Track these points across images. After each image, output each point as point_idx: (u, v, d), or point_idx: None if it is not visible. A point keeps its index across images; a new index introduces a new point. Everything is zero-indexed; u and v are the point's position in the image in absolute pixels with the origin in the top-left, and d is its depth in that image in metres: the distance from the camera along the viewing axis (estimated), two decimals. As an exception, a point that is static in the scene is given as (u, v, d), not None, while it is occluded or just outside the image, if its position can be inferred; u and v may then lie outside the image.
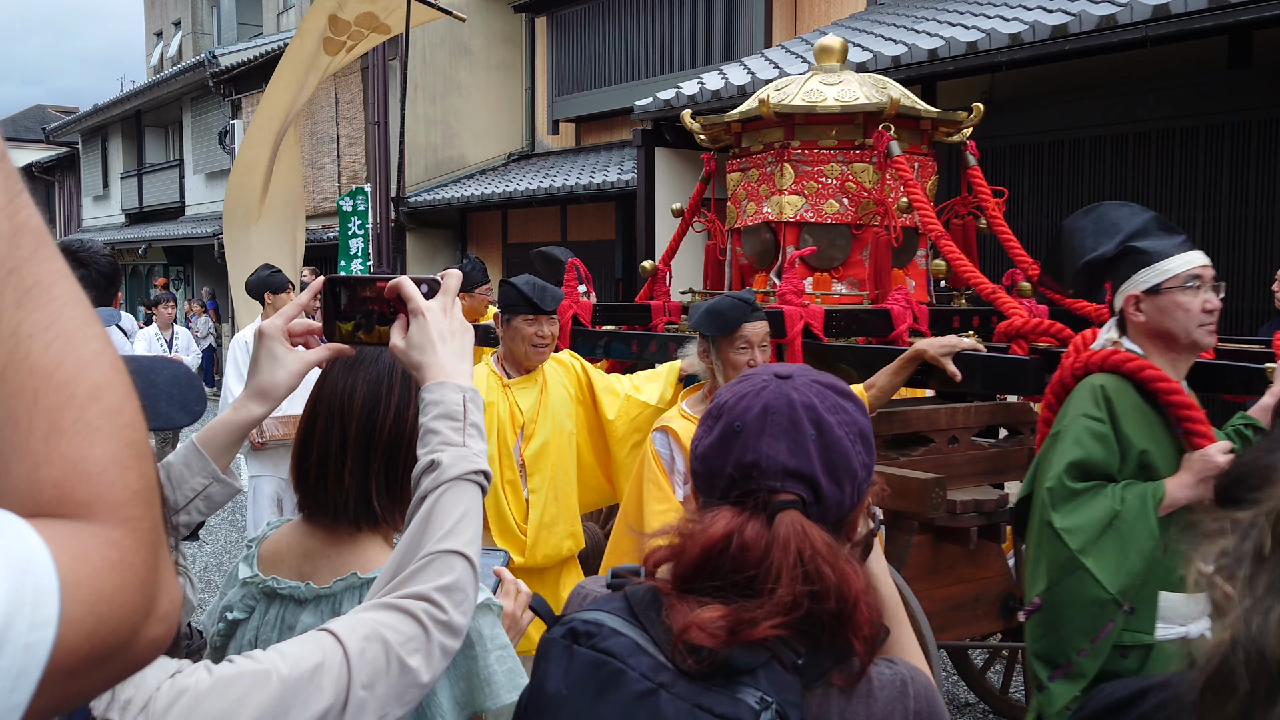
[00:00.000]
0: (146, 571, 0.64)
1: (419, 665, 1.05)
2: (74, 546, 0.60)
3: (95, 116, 24.45)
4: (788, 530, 1.09)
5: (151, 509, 0.66)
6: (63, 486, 0.63)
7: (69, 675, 0.59)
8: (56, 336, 0.64)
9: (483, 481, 1.19)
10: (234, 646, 1.52)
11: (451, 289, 1.29)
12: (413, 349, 1.25)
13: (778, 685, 1.05)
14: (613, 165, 11.50)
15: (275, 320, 1.40)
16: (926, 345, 3.21)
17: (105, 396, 0.65)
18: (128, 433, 0.66)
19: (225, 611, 1.53)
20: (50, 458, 0.63)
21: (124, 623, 0.62)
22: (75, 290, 0.67)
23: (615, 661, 1.09)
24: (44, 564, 0.58)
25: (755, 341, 3.12)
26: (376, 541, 1.51)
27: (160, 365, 1.60)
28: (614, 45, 12.51)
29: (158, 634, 0.66)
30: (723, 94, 8.56)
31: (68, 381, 0.64)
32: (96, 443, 0.64)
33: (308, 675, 0.95)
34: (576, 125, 13.70)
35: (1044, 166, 7.09)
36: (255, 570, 1.53)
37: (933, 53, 6.92)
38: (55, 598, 0.57)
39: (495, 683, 1.41)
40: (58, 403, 0.63)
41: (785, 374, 1.20)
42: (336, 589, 1.45)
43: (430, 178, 14.32)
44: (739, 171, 4.55)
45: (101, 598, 0.60)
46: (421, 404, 1.22)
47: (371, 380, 1.47)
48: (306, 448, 1.49)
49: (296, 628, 1.45)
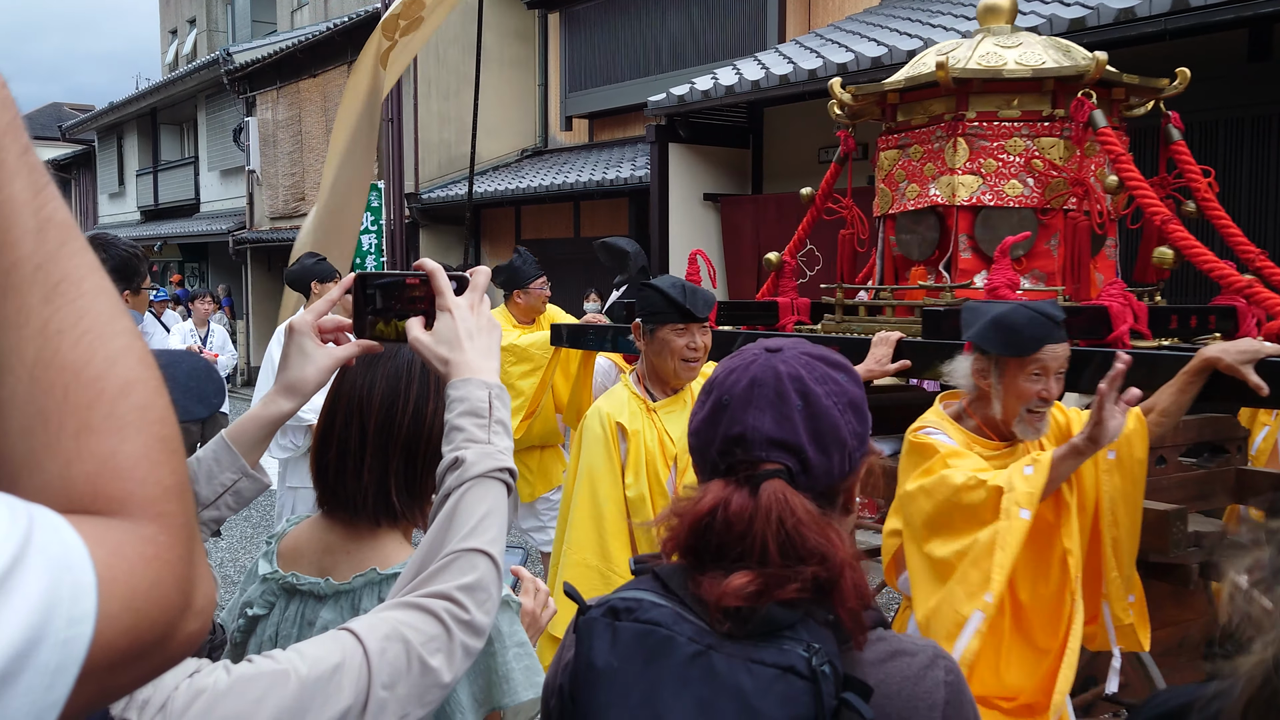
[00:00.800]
0: (182, 567, 0.64)
1: (440, 665, 1.04)
2: (110, 542, 0.60)
3: (111, 114, 24.57)
4: (769, 498, 1.11)
5: (185, 504, 0.66)
6: (95, 483, 0.62)
7: (107, 671, 0.59)
8: (85, 332, 0.63)
9: (508, 479, 1.18)
10: (254, 643, 1.51)
11: (480, 286, 1.29)
12: (440, 345, 1.25)
13: (818, 638, 1.07)
14: (626, 161, 11.49)
15: (305, 316, 1.40)
16: (1219, 352, 2.54)
17: (135, 392, 0.65)
18: (158, 428, 0.66)
19: (245, 608, 1.53)
20: (82, 454, 0.62)
21: (161, 618, 0.62)
22: (104, 283, 0.66)
23: (661, 629, 1.10)
24: (81, 559, 0.57)
25: (1053, 369, 2.52)
26: (396, 537, 1.51)
27: (179, 358, 1.61)
28: (627, 41, 12.49)
29: (194, 629, 0.65)
30: (736, 89, 8.54)
31: (97, 378, 0.63)
32: (128, 439, 0.64)
33: (327, 675, 0.95)
34: (590, 121, 13.69)
35: (1061, 161, 7.05)
36: (275, 566, 1.53)
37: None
38: (93, 593, 0.57)
39: (513, 680, 1.40)
40: (88, 399, 0.63)
41: (775, 348, 1.22)
42: (356, 585, 1.44)
43: (443, 174, 14.33)
44: (896, 149, 3.90)
45: (138, 593, 0.60)
46: (447, 400, 1.21)
47: (390, 376, 1.47)
48: (325, 443, 1.49)
49: (316, 624, 1.45)
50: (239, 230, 19.37)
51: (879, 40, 7.78)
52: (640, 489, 3.02)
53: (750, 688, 1.05)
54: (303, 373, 1.37)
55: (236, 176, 20.36)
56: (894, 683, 1.11)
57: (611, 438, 3.05)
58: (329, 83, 16.60)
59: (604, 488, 3.03)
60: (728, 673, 1.06)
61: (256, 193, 19.20)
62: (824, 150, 9.20)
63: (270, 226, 18.59)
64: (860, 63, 7.50)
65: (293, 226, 17.75)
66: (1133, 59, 6.60)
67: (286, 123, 17.91)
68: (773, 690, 1.04)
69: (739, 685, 1.05)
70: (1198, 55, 6.48)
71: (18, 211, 0.62)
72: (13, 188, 0.62)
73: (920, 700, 1.10)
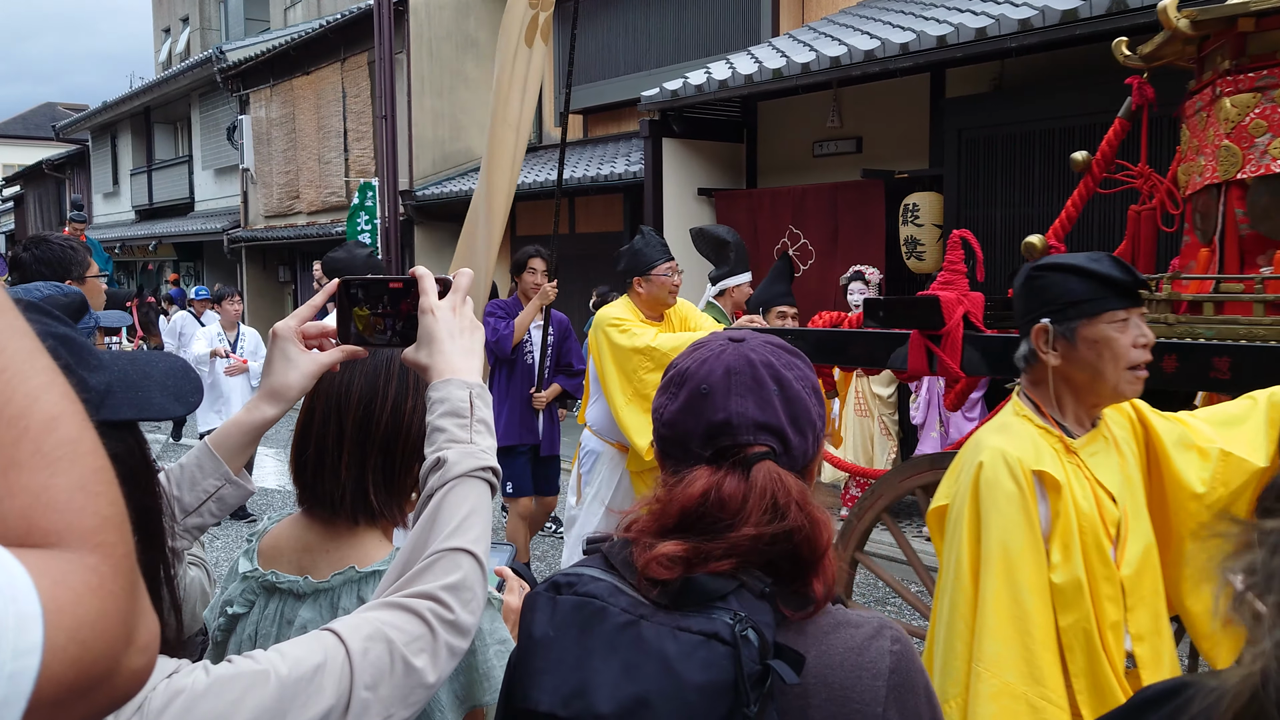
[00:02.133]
0: (125, 599, 0.63)
1: (424, 665, 1.03)
2: (53, 572, 0.59)
3: (105, 114, 24.54)
4: (765, 478, 1.14)
5: (124, 536, 0.65)
6: (29, 517, 0.61)
7: (54, 706, 0.57)
8: (2, 370, 0.63)
9: (491, 479, 1.18)
10: (234, 641, 1.51)
11: (462, 287, 1.29)
12: (421, 347, 1.25)
13: (750, 608, 1.10)
14: (620, 156, 11.48)
15: (289, 321, 1.39)
16: None
17: (62, 426, 0.64)
18: (90, 459, 0.65)
19: (225, 606, 1.53)
20: (12, 490, 0.61)
21: (106, 651, 0.61)
22: (18, 323, 0.65)
23: (596, 601, 1.14)
24: (25, 590, 0.56)
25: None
26: (375, 535, 1.50)
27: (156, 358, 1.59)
28: (621, 36, 12.48)
29: (139, 665, 0.64)
30: (730, 84, 8.53)
31: (20, 415, 0.62)
32: (59, 472, 0.63)
33: (308, 675, 0.94)
34: (584, 117, 13.67)
35: (1055, 153, 7.04)
36: (255, 564, 1.53)
37: (941, 39, 6.87)
38: (39, 624, 0.55)
39: (494, 677, 1.40)
40: (12, 437, 0.62)
41: (738, 338, 1.25)
42: (335, 583, 1.44)
43: (437, 171, 14.32)
44: (1251, 92, 2.97)
45: (84, 624, 0.59)
46: (429, 402, 1.21)
47: (368, 374, 1.47)
48: (304, 441, 1.49)
49: (295, 622, 1.45)
50: (234, 229, 19.36)
51: (872, 34, 7.77)
52: (1073, 572, 2.02)
53: (674, 652, 1.08)
54: (286, 378, 1.36)
55: (231, 175, 20.34)
56: (836, 653, 1.12)
57: (1030, 496, 2.04)
58: (322, 80, 16.59)
59: (1025, 572, 2.02)
60: (654, 639, 1.10)
61: (251, 191, 19.18)
62: (818, 144, 9.20)
63: (265, 225, 18.58)
64: (853, 56, 7.49)
65: (287, 225, 17.76)
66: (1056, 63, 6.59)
67: (280, 121, 17.88)
68: (695, 655, 1.07)
69: (663, 650, 1.08)
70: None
71: None
72: None
73: (865, 670, 1.11)
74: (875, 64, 7.37)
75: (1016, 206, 7.32)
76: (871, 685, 1.11)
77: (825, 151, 9.17)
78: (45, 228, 30.99)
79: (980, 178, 7.53)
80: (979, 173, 7.54)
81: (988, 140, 7.47)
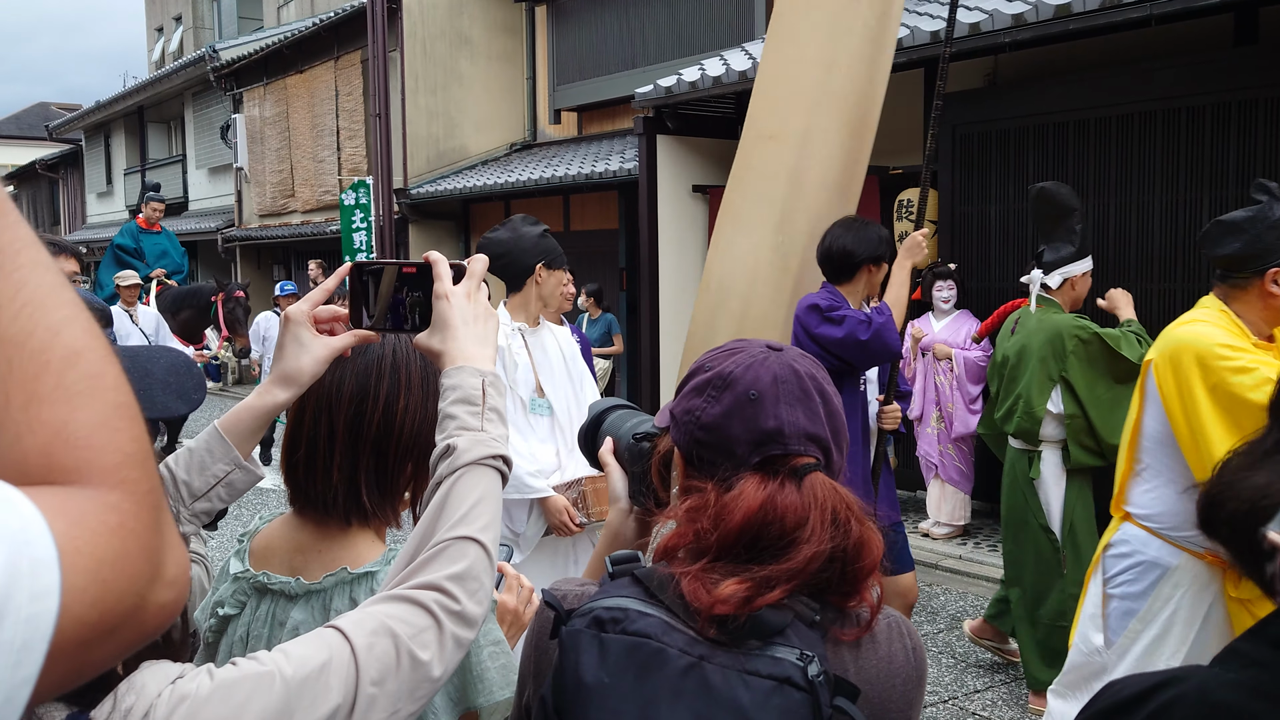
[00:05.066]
0: (149, 535, 0.62)
1: (431, 658, 1.01)
2: (71, 512, 0.59)
3: (98, 113, 24.46)
4: (824, 491, 1.12)
5: (148, 472, 0.64)
6: (48, 454, 0.61)
7: (80, 647, 0.57)
8: (25, 304, 0.62)
9: (502, 467, 1.16)
10: (225, 642, 1.50)
11: (477, 273, 1.28)
12: (434, 334, 1.24)
13: (805, 640, 1.07)
14: (615, 154, 11.46)
15: (301, 305, 1.38)
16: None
17: (83, 361, 0.64)
18: (112, 395, 0.64)
19: (217, 607, 1.51)
20: (32, 426, 0.61)
21: (129, 588, 0.60)
22: (42, 256, 0.65)
23: (652, 641, 1.08)
24: (40, 532, 0.56)
25: None
26: (368, 536, 1.49)
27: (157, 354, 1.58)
28: (615, 33, 12.45)
29: (167, 599, 0.64)
30: (724, 80, 8.52)
31: (42, 349, 0.62)
32: (80, 407, 0.62)
33: (314, 675, 0.92)
34: (578, 114, 13.65)
35: (1050, 148, 7.03)
36: (246, 565, 1.51)
37: (935, 35, 6.86)
38: (55, 567, 0.55)
39: (488, 679, 1.39)
40: (33, 371, 0.62)
41: (776, 347, 1.22)
42: (327, 584, 1.42)
43: (432, 169, 14.29)
44: None
45: (104, 563, 0.59)
46: (441, 389, 1.20)
47: (360, 373, 1.45)
48: (295, 441, 1.47)
49: (287, 624, 1.43)
50: (228, 228, 19.31)
51: (866, 29, 7.75)
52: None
53: (748, 701, 1.03)
54: (298, 363, 1.35)
55: (224, 174, 20.29)
56: (870, 666, 1.13)
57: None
58: (316, 79, 16.54)
59: None
60: (723, 686, 1.05)
61: (245, 190, 19.14)
62: (812, 140, 9.18)
63: (259, 224, 18.53)
64: (847, 52, 7.47)
65: (281, 223, 17.72)
66: (1119, 44, 6.60)
67: (274, 119, 17.84)
68: (770, 703, 1.03)
69: (736, 699, 1.04)
70: (1184, 40, 6.47)
71: None
72: None
73: (895, 677, 1.14)
74: (869, 60, 7.36)
75: (1011, 202, 7.31)
76: (903, 691, 1.13)
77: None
78: (39, 227, 30.88)
79: (974, 173, 7.52)
80: (973, 168, 7.53)
81: (982, 136, 7.46)
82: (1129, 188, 6.64)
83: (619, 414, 1.58)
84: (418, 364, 1.47)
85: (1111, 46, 6.69)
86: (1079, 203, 4.20)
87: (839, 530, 1.10)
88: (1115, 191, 6.70)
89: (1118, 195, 6.70)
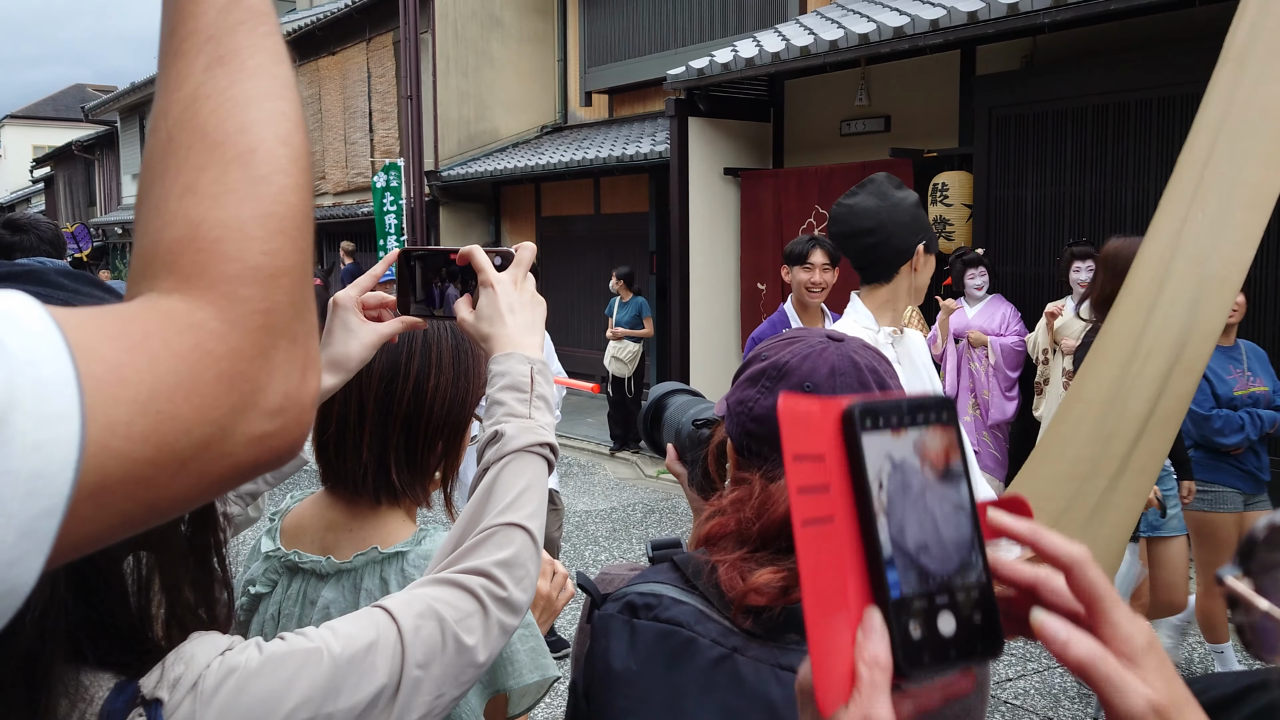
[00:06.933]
0: (239, 361, 0.58)
1: (476, 643, 1.01)
2: (128, 334, 0.54)
3: (133, 95, 24.67)
4: None
5: (271, 290, 0.60)
6: (176, 251, 0.58)
7: (136, 484, 0.53)
8: (228, 99, 0.62)
9: (548, 455, 1.16)
10: (256, 621, 1.50)
11: (524, 261, 1.27)
12: (481, 320, 1.23)
13: None
14: (646, 136, 11.42)
15: (350, 291, 1.38)
16: None
17: (254, 161, 0.61)
18: (269, 204, 0.61)
19: (248, 585, 1.52)
20: (178, 218, 0.59)
21: (199, 419, 0.55)
22: (270, 66, 0.64)
23: (683, 630, 1.06)
24: (50, 353, 0.51)
25: None
26: (398, 515, 1.49)
27: None
28: (646, 14, 12.39)
29: (263, 430, 0.59)
30: (756, 61, 8.45)
31: (221, 142, 0.61)
32: (225, 205, 0.60)
33: (361, 654, 0.92)
34: (609, 96, 13.62)
35: (1089, 132, 6.93)
36: (278, 544, 1.52)
37: (972, 15, 6.76)
38: (71, 390, 0.51)
39: (518, 661, 1.39)
40: (202, 161, 0.60)
41: (837, 337, 1.18)
42: (357, 564, 1.42)
43: (463, 151, 14.31)
44: None
45: (160, 393, 0.54)
46: (489, 375, 1.20)
47: (390, 351, 1.45)
48: (325, 419, 1.47)
49: (318, 602, 1.43)
50: (261, 209, 19.46)
51: (901, 10, 7.66)
52: None
53: (779, 698, 1.01)
54: (346, 348, 1.35)
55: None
56: None
57: None
58: (348, 60, 16.59)
59: None
60: (755, 680, 1.02)
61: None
62: (846, 123, 9.10)
63: (291, 205, 18.66)
64: (882, 33, 7.39)
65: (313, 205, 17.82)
66: (1161, 24, 6.47)
67: (306, 101, 17.92)
68: None
69: (767, 695, 1.01)
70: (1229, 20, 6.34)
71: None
72: None
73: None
74: (904, 41, 7.27)
75: (1048, 186, 7.21)
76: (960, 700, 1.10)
77: (853, 130, 9.07)
78: (74, 208, 31.28)
79: (1011, 156, 7.42)
80: (1009, 151, 7.43)
81: (1019, 118, 7.36)
82: (1170, 171, 6.52)
83: (680, 400, 1.55)
84: (449, 342, 1.47)
85: (1154, 26, 6.57)
86: None
87: None
88: (1156, 177, 6.59)
89: (1158, 181, 6.59)
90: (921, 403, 0.67)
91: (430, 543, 1.45)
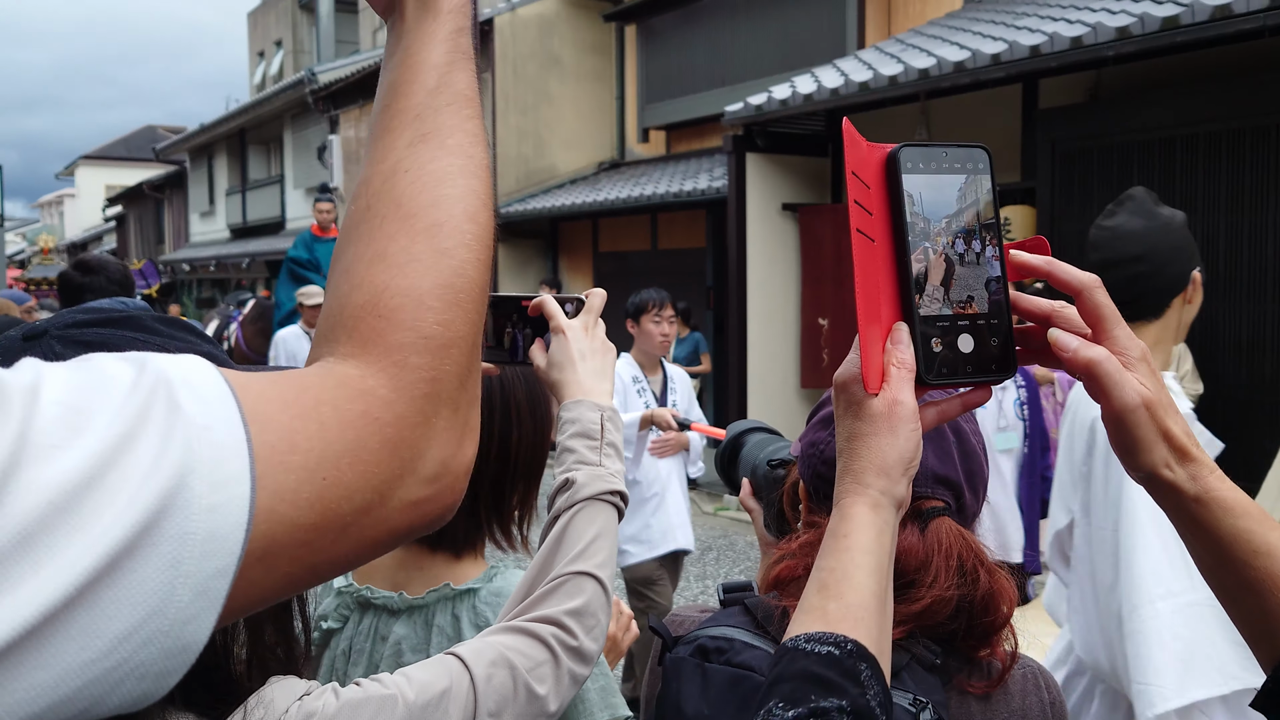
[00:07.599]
0: (403, 428, 0.59)
1: (547, 693, 1.01)
2: (301, 401, 0.56)
3: (201, 135, 25.36)
4: (949, 536, 1.07)
5: (441, 360, 0.62)
6: (359, 316, 0.61)
7: (300, 547, 0.55)
8: (425, 174, 0.65)
9: (619, 502, 1.17)
10: (328, 656, 1.50)
11: (595, 308, 1.28)
12: (552, 367, 1.25)
13: (923, 685, 1.02)
14: (703, 172, 11.46)
15: None
16: None
17: (442, 236, 0.64)
18: (449, 276, 0.64)
19: (320, 620, 1.52)
20: (364, 283, 0.62)
21: (362, 485, 0.57)
22: (469, 146, 0.68)
23: (755, 675, 1.04)
24: (224, 418, 0.52)
25: None
26: (470, 553, 1.50)
27: None
28: (703, 51, 12.47)
29: (419, 495, 0.61)
30: (815, 97, 8.45)
31: (413, 214, 0.64)
32: (409, 275, 0.62)
33: (434, 701, 0.93)
34: (667, 133, 13.70)
35: (1155, 166, 6.81)
36: (350, 579, 1.52)
37: (1035, 49, 6.70)
38: (244, 454, 0.52)
39: (589, 700, 1.38)
40: (394, 230, 0.63)
41: None
42: (429, 600, 1.43)
43: (521, 188, 14.47)
44: None
45: (327, 461, 0.55)
46: (559, 422, 1.21)
47: None
48: None
49: (389, 639, 1.44)
50: (323, 246, 19.81)
51: (962, 44, 7.62)
52: None
53: None
54: None
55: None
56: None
57: None
58: (410, 100, 16.91)
59: None
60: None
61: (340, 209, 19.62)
62: (905, 158, 9.04)
63: (353, 242, 18.97)
64: (943, 67, 7.36)
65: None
66: (1228, 56, 6.36)
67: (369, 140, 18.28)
68: None
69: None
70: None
71: (425, 71, 0.70)
72: (432, 53, 0.70)
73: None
74: (965, 75, 7.23)
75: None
76: None
77: (912, 165, 9.01)
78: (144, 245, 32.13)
79: (1074, 191, 7.32)
80: (1073, 186, 7.33)
81: (1083, 152, 7.26)
82: (1240, 205, 6.38)
83: (757, 438, 1.55)
84: (524, 391, 1.48)
85: (1220, 58, 6.46)
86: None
87: (965, 579, 1.05)
88: (1226, 210, 6.45)
89: (1228, 214, 6.45)
90: (962, 153, 0.78)
91: (501, 580, 1.45)
